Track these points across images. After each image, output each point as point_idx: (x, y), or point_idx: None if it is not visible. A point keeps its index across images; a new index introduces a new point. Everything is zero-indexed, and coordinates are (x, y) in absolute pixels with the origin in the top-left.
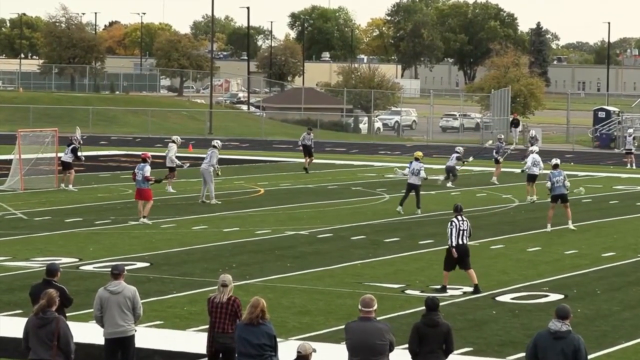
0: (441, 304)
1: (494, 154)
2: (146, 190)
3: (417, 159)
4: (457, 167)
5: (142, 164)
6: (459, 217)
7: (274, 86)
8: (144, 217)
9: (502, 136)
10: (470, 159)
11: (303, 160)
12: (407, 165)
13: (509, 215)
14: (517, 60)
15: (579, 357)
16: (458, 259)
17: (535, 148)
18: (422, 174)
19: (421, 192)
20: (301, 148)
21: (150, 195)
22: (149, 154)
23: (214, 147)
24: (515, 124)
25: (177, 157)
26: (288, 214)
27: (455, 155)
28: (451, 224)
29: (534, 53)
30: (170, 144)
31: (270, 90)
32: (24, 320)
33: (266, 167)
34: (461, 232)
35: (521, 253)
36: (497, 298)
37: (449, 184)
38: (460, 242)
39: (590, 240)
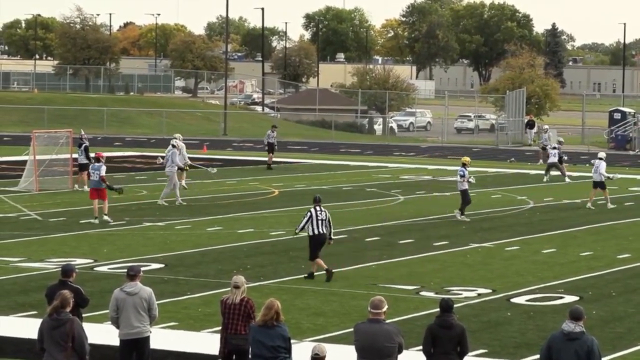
0: (455, 305)
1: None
2: (102, 190)
3: (464, 165)
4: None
5: (97, 164)
6: (318, 208)
7: (288, 87)
8: (105, 214)
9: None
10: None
11: (270, 158)
12: (459, 172)
13: (524, 216)
14: (533, 61)
15: (592, 358)
16: (314, 246)
17: (603, 154)
18: (471, 179)
19: (436, 194)
20: (266, 146)
21: (105, 194)
22: (104, 153)
23: (173, 146)
24: (530, 125)
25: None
26: (302, 215)
27: (556, 151)
28: (307, 213)
29: (549, 54)
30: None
31: (284, 91)
32: (39, 321)
33: (280, 168)
34: (320, 221)
35: (536, 255)
36: (512, 300)
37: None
38: (320, 231)
39: (606, 242)
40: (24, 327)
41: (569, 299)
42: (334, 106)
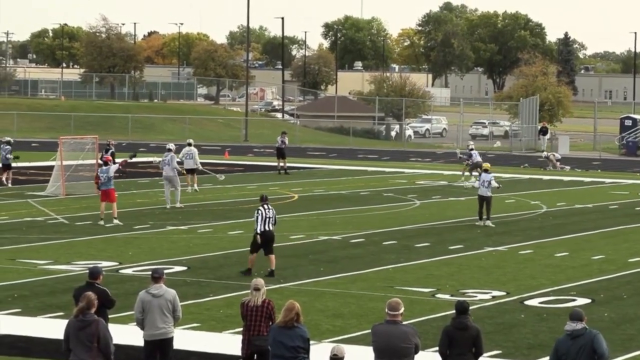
0: (470, 307)
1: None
2: (111, 191)
3: (486, 170)
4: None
5: (105, 167)
6: (265, 206)
7: (307, 94)
8: (115, 218)
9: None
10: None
11: (279, 163)
12: (477, 177)
13: (537, 221)
14: (545, 70)
15: (597, 342)
16: (263, 244)
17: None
18: (494, 183)
19: (451, 199)
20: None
21: (114, 195)
22: (109, 157)
23: (170, 150)
24: (543, 131)
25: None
26: (321, 219)
27: (475, 152)
28: (257, 212)
29: (561, 62)
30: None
31: (304, 98)
32: (66, 322)
33: (300, 173)
34: (267, 219)
35: (549, 258)
36: (526, 302)
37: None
38: (266, 228)
39: (617, 246)
40: (51, 327)
41: (581, 301)
42: (352, 113)
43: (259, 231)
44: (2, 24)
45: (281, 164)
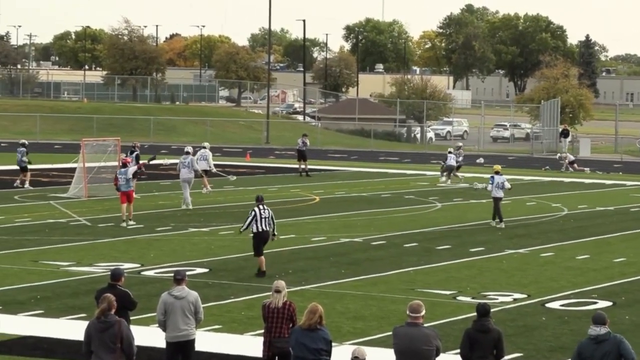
0: (492, 310)
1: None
2: (130, 192)
3: (497, 173)
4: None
5: (123, 169)
6: (261, 207)
7: (329, 97)
8: (130, 219)
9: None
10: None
11: (300, 165)
12: (489, 179)
13: (558, 223)
14: (567, 72)
15: (623, 348)
16: (261, 243)
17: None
18: (507, 185)
19: (472, 201)
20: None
21: (133, 198)
22: (129, 159)
23: (187, 153)
24: (565, 134)
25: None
26: (343, 221)
27: (452, 156)
28: (251, 212)
29: (583, 65)
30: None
31: (325, 100)
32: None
33: (321, 175)
34: (263, 219)
35: (570, 261)
36: (547, 305)
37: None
38: (263, 228)
39: (639, 249)
40: (74, 329)
41: (603, 304)
42: (373, 115)
43: (254, 231)
44: (25, 26)
45: (302, 166)
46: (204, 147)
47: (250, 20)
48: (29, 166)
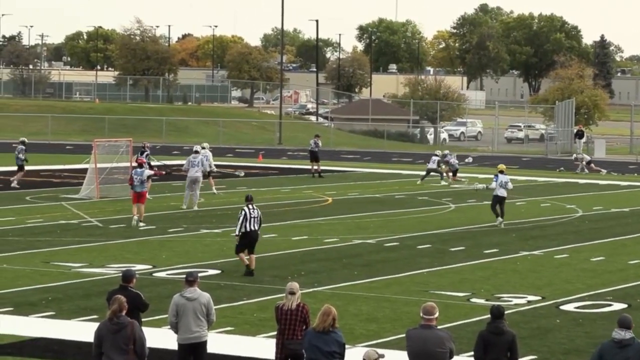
0: (506, 312)
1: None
2: (143, 193)
3: (502, 172)
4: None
5: (139, 170)
6: (250, 206)
7: (342, 97)
8: (140, 220)
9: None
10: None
11: (312, 166)
12: (493, 178)
13: (573, 225)
14: (582, 72)
15: None
16: (247, 243)
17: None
18: (510, 185)
19: (486, 202)
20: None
21: (145, 198)
22: (143, 159)
23: (196, 152)
24: (579, 135)
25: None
26: (356, 222)
27: (436, 158)
28: (241, 212)
29: (598, 65)
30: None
31: (338, 101)
32: None
33: (334, 176)
34: (252, 219)
35: (585, 263)
36: (561, 307)
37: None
38: (252, 228)
39: None
40: (86, 331)
41: (618, 306)
42: (386, 116)
43: (243, 230)
44: (37, 26)
45: (315, 167)
46: (204, 148)
47: (263, 21)
48: (26, 166)
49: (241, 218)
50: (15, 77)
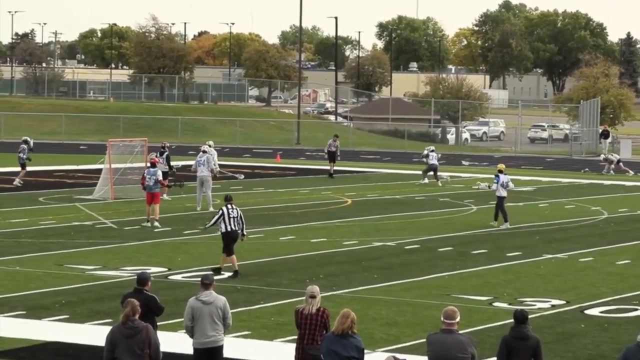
0: (529, 316)
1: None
2: (157, 194)
3: (501, 171)
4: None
5: (152, 169)
6: (229, 206)
7: (361, 96)
8: (155, 220)
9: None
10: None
11: (334, 167)
12: (494, 178)
13: (598, 227)
14: (607, 71)
15: None
16: (226, 243)
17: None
18: (511, 185)
19: (509, 204)
20: (326, 155)
21: (159, 198)
22: (157, 159)
23: (204, 152)
24: (605, 135)
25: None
26: (375, 224)
27: (435, 155)
28: (219, 211)
29: (623, 63)
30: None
31: (357, 100)
32: None
33: (353, 177)
34: (232, 219)
35: (611, 266)
36: (586, 311)
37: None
38: (232, 228)
39: None
40: (99, 335)
41: None
42: (406, 115)
43: (223, 230)
44: (50, 24)
45: (333, 168)
46: (210, 147)
47: (281, 18)
48: (30, 166)
49: (217, 215)
50: (28, 75)
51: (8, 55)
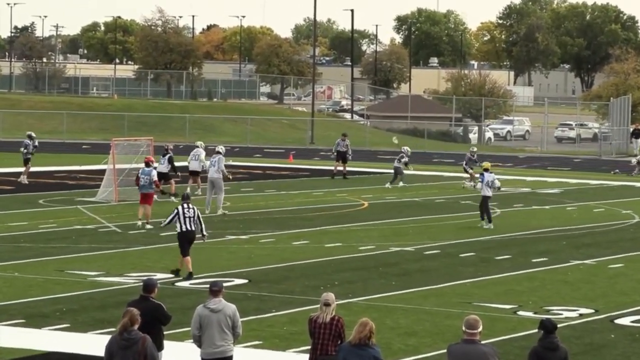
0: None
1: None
2: (150, 195)
3: (486, 170)
4: (402, 168)
5: (147, 169)
6: (185, 205)
7: (378, 93)
8: (147, 223)
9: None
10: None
11: (336, 167)
12: (479, 178)
13: (629, 232)
14: (639, 67)
15: None
16: (182, 244)
17: None
18: (497, 183)
19: (534, 207)
20: (334, 155)
21: (152, 200)
22: (153, 158)
23: (218, 152)
24: (636, 134)
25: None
26: (393, 228)
27: (403, 157)
28: (174, 211)
29: None
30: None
31: (374, 97)
32: None
33: (370, 179)
34: (188, 218)
35: None
36: (616, 321)
37: (399, 184)
38: (188, 228)
39: None
40: (102, 344)
41: None
42: (426, 113)
43: (178, 230)
44: (51, 17)
45: (339, 168)
46: (197, 146)
47: (294, 10)
48: (33, 166)
49: (172, 215)
50: (28, 71)
51: (7, 50)
